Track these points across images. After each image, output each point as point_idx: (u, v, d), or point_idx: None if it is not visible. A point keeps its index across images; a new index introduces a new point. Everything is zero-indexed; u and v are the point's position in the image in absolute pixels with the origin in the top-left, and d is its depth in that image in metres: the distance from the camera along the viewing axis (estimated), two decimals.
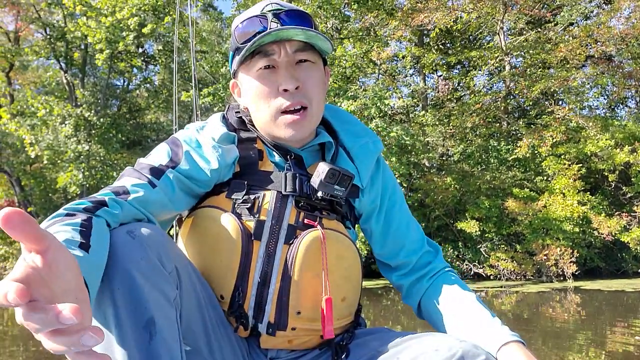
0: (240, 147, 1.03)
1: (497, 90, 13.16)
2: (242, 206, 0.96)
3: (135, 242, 0.76)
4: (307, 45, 0.98)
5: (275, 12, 0.95)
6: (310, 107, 0.98)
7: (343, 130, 1.10)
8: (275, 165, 1.03)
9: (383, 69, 14.15)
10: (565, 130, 10.51)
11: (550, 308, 6.19)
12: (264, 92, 0.97)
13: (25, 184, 16.03)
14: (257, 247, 0.94)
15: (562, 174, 10.18)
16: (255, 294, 0.94)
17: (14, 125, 12.75)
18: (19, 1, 15.26)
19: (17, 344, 4.32)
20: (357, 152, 1.07)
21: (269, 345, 0.98)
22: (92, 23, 11.41)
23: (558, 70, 11.56)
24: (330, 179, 0.94)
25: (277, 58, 0.96)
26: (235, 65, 1.02)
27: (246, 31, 0.96)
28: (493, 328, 0.90)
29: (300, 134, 0.99)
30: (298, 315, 0.95)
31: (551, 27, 12.20)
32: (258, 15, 0.96)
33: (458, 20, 12.32)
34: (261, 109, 0.99)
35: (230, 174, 1.02)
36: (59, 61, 14.75)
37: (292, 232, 0.96)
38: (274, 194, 0.98)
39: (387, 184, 1.12)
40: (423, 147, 11.57)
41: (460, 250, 10.84)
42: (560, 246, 9.47)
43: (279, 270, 0.94)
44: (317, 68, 1.01)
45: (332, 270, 0.94)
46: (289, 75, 0.95)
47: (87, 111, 13.32)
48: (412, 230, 1.12)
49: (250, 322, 0.95)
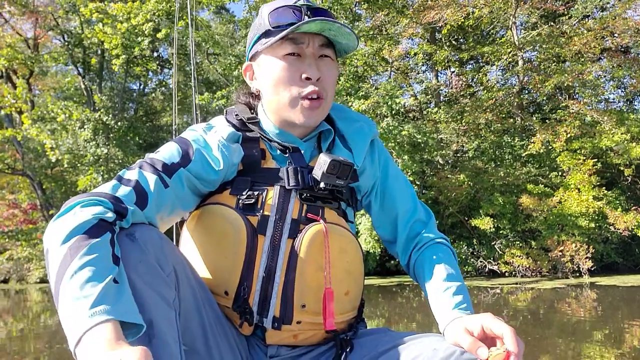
0: (244, 146, 1.06)
1: (510, 86, 13.05)
2: (246, 202, 0.99)
3: (134, 245, 0.78)
4: (330, 43, 1.04)
5: (308, 6, 1.00)
6: (325, 99, 1.03)
7: (337, 117, 1.14)
8: (277, 162, 1.06)
9: (395, 66, 14.13)
10: (580, 124, 10.37)
11: (565, 304, 6.16)
12: (286, 77, 1.00)
13: (46, 187, 16.44)
14: (261, 241, 0.96)
15: (577, 169, 10.06)
16: (260, 289, 0.95)
17: (35, 131, 13.07)
18: (37, 9, 15.63)
19: (42, 343, 4.45)
20: (352, 135, 1.11)
21: (275, 341, 0.99)
22: (108, 29, 11.65)
23: (573, 64, 11.42)
24: (332, 170, 0.97)
25: (305, 48, 1.00)
26: (259, 47, 1.04)
27: (280, 17, 0.99)
28: (444, 310, 0.94)
29: (314, 121, 1.03)
30: (303, 309, 0.96)
31: (565, 20, 12.05)
32: (291, 6, 1.00)
33: (469, 16, 12.23)
34: (281, 92, 1.02)
35: (234, 172, 1.04)
36: (76, 67, 15.09)
37: (295, 226, 0.98)
38: (277, 189, 1.01)
39: (381, 161, 1.15)
40: (436, 144, 11.55)
41: (474, 247, 10.81)
42: (576, 242, 9.38)
43: (283, 265, 0.96)
44: (334, 66, 1.06)
45: (334, 264, 0.97)
46: (314, 65, 1.00)
47: (105, 115, 13.60)
48: (404, 201, 1.14)
49: (255, 317, 0.96)
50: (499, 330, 0.80)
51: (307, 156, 1.08)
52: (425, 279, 1.04)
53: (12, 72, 16.06)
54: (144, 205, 0.87)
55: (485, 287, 8.40)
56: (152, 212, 0.89)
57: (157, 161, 0.95)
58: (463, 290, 0.99)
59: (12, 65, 14.66)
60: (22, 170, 15.93)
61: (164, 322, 0.75)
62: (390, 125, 9.84)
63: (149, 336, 0.73)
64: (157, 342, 0.73)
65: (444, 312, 0.94)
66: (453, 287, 0.98)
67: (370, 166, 1.13)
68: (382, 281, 10.13)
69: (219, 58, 13.44)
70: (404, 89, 13.57)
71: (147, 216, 0.88)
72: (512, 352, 0.77)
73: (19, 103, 13.59)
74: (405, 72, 14.60)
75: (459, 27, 13.08)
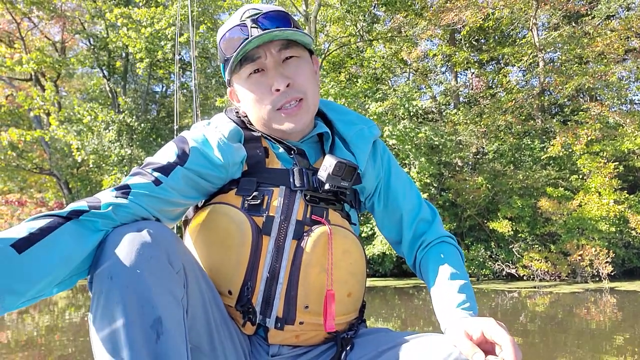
0: (246, 146, 1.05)
1: (531, 87, 12.90)
2: (252, 203, 0.98)
3: (144, 241, 0.77)
4: (291, 42, 1.01)
5: (253, 17, 0.99)
6: (306, 98, 1.02)
7: (338, 120, 1.13)
8: (282, 162, 1.06)
9: (414, 67, 14.10)
10: (602, 127, 10.21)
11: (584, 309, 6.08)
12: (257, 96, 1.01)
13: (72, 187, 16.90)
14: (266, 242, 0.96)
15: (597, 173, 9.91)
16: (263, 289, 0.95)
17: (62, 132, 13.44)
18: (64, 13, 16.08)
19: (67, 336, 4.56)
20: (353, 138, 1.10)
21: (277, 341, 0.99)
22: (132, 34, 11.95)
23: (595, 65, 11.24)
24: (337, 172, 0.97)
25: (264, 60, 0.99)
26: (227, 75, 1.07)
27: (230, 41, 1.00)
28: (446, 309, 0.94)
29: (300, 124, 1.02)
30: (306, 310, 0.96)
31: (588, 20, 11.86)
32: (238, 24, 0.99)
33: (489, 17, 12.14)
34: (258, 110, 1.02)
35: (239, 172, 1.04)
36: (102, 70, 15.49)
37: (300, 227, 0.98)
38: (283, 190, 1.00)
39: (383, 163, 1.15)
40: (454, 146, 11.51)
41: (492, 250, 10.74)
42: (596, 246, 9.25)
43: (287, 265, 0.96)
44: (304, 61, 1.03)
45: (338, 266, 0.97)
46: (278, 74, 0.98)
47: (128, 117, 13.93)
48: (408, 200, 1.14)
49: (258, 317, 0.97)
50: (499, 338, 0.78)
51: (309, 157, 1.08)
52: (429, 277, 1.04)
53: (40, 75, 16.55)
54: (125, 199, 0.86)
55: (502, 290, 8.36)
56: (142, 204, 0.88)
57: (150, 164, 0.95)
58: (467, 289, 0.97)
59: (40, 69, 15.10)
60: (49, 170, 16.37)
61: (172, 320, 0.75)
62: (407, 128, 9.85)
63: (157, 333, 0.73)
64: (165, 339, 0.73)
65: (445, 311, 0.93)
66: (456, 285, 0.97)
67: (372, 168, 1.12)
68: (399, 283, 10.14)
69: None
70: (423, 90, 13.52)
71: (138, 204, 0.87)
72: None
73: (47, 105, 13.99)
74: (425, 74, 14.55)
75: (478, 28, 13.00)
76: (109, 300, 0.72)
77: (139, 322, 0.72)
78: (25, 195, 18.63)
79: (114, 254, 0.75)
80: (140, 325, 0.72)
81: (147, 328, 0.72)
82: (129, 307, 0.72)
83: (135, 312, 0.72)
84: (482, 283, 9.76)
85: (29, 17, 15.91)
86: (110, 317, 0.72)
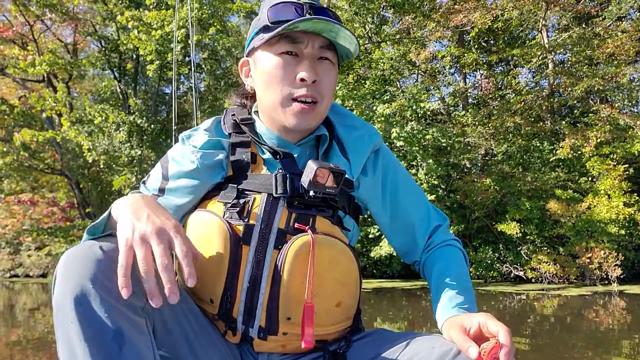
0: (233, 151, 1.03)
1: (540, 89, 12.84)
2: (232, 210, 0.96)
3: (96, 257, 0.76)
4: (331, 46, 0.99)
5: (311, 4, 0.96)
6: (320, 103, 0.99)
7: (339, 123, 1.09)
8: (268, 167, 1.03)
9: (423, 68, 14.09)
10: (611, 129, 10.14)
11: (593, 312, 6.06)
12: (280, 75, 0.96)
13: (83, 187, 17.12)
14: (246, 251, 0.94)
15: (607, 175, 9.85)
16: (245, 299, 0.94)
17: (73, 132, 13.61)
18: (76, 15, 16.29)
19: None
20: (351, 144, 1.06)
21: (263, 349, 0.98)
22: (143, 36, 12.10)
23: (606, 67, 11.17)
24: (319, 178, 0.92)
25: (304, 48, 0.96)
26: (257, 42, 1.00)
27: (280, 13, 0.95)
28: (444, 308, 0.94)
29: (305, 125, 0.99)
30: (288, 321, 0.94)
31: (598, 21, 11.79)
32: (293, 2, 0.95)
33: (498, 18, 12.11)
34: (273, 91, 0.98)
35: (219, 178, 1.02)
36: (113, 71, 15.66)
37: (282, 236, 0.94)
38: (265, 197, 0.97)
39: (387, 169, 1.10)
40: (463, 147, 11.49)
41: (500, 252, 10.71)
42: (605, 249, 9.19)
43: (268, 276, 0.93)
44: (334, 69, 1.02)
45: (323, 276, 0.93)
46: (310, 66, 0.95)
47: (139, 118, 14.07)
48: (417, 209, 1.11)
49: (240, 327, 0.95)
50: (494, 329, 0.78)
51: (301, 161, 1.03)
52: (431, 279, 1.03)
53: (52, 76, 16.77)
54: None
55: (510, 292, 8.34)
56: None
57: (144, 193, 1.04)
58: (467, 292, 0.96)
59: (53, 70, 15.31)
60: (61, 170, 16.58)
61: (132, 330, 0.75)
62: (415, 129, 9.86)
63: (119, 344, 0.72)
64: (128, 349, 0.73)
65: (443, 310, 0.93)
66: (457, 288, 0.96)
67: (371, 176, 1.07)
68: (406, 284, 10.15)
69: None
70: (431, 91, 13.51)
71: None
72: (504, 344, 0.75)
73: (59, 106, 14.17)
74: (433, 75, 14.54)
75: (487, 29, 12.97)
76: (65, 320, 0.72)
77: (97, 337, 0.71)
78: (37, 195, 18.90)
79: (66, 274, 0.74)
80: (98, 340, 0.71)
81: (107, 341, 0.71)
82: (83, 324, 0.71)
83: (91, 328, 0.71)
84: (489, 285, 9.73)
85: (42, 20, 16.14)
86: (66, 335, 0.72)
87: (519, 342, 4.01)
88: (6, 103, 17.09)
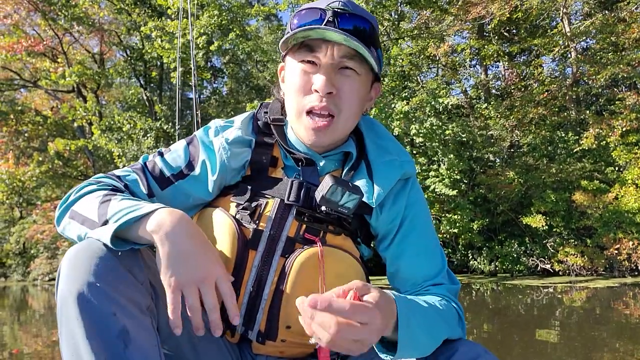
0: (255, 151, 0.99)
1: (563, 78, 12.60)
2: (243, 212, 0.93)
3: (101, 255, 0.75)
4: (357, 55, 0.90)
5: (337, 10, 0.89)
6: (338, 117, 0.92)
7: (372, 143, 1.03)
8: (286, 173, 0.98)
9: (443, 62, 14.01)
10: (637, 117, 9.91)
11: (623, 304, 5.96)
12: (299, 85, 0.92)
13: None
14: (252, 256, 0.92)
15: (634, 164, 9.64)
16: (247, 302, 0.92)
17: (104, 140, 14.12)
18: (102, 26, 16.83)
19: None
20: (379, 168, 0.98)
21: (262, 352, 0.97)
22: (166, 45, 12.46)
23: (632, 52, 10.90)
24: (333, 195, 0.87)
25: (321, 57, 0.90)
26: (282, 48, 0.97)
27: (303, 18, 0.91)
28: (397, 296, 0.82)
29: (321, 141, 0.94)
30: (288, 330, 0.92)
31: (623, 6, 11.50)
32: (322, 8, 0.90)
33: (518, 8, 11.95)
34: (292, 101, 0.95)
35: (238, 177, 1.00)
36: (139, 79, 16.17)
37: (290, 245, 0.92)
38: (277, 203, 0.94)
39: (411, 207, 1.00)
40: (485, 140, 11.40)
41: (527, 245, 10.61)
42: (634, 240, 9.01)
43: (272, 282, 0.91)
44: (359, 80, 0.93)
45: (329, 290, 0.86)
46: (325, 78, 0.89)
47: (165, 124, 14.50)
48: (427, 264, 0.98)
49: (239, 329, 0.94)
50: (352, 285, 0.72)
51: (324, 173, 0.99)
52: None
53: (82, 86, 17.38)
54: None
55: (537, 286, 8.29)
56: None
57: (156, 166, 0.98)
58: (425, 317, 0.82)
59: (82, 80, 15.87)
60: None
61: (138, 328, 0.74)
62: (434, 125, 9.85)
63: (124, 342, 0.71)
64: (134, 347, 0.72)
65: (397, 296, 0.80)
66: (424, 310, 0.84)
67: (391, 207, 0.99)
68: None
69: (268, 65, 13.93)
70: (453, 85, 13.42)
71: None
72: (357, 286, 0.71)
73: (90, 115, 14.70)
74: (454, 68, 14.42)
75: (508, 19, 12.79)
76: (69, 317, 0.71)
77: (101, 335, 0.70)
78: None
79: (71, 271, 0.73)
80: (103, 337, 0.70)
81: (112, 339, 0.70)
82: (88, 322, 0.70)
83: (96, 325, 0.70)
84: (516, 279, 9.67)
85: (70, 32, 16.75)
86: (71, 334, 0.70)
87: (548, 335, 4.01)
88: (40, 114, 17.83)
